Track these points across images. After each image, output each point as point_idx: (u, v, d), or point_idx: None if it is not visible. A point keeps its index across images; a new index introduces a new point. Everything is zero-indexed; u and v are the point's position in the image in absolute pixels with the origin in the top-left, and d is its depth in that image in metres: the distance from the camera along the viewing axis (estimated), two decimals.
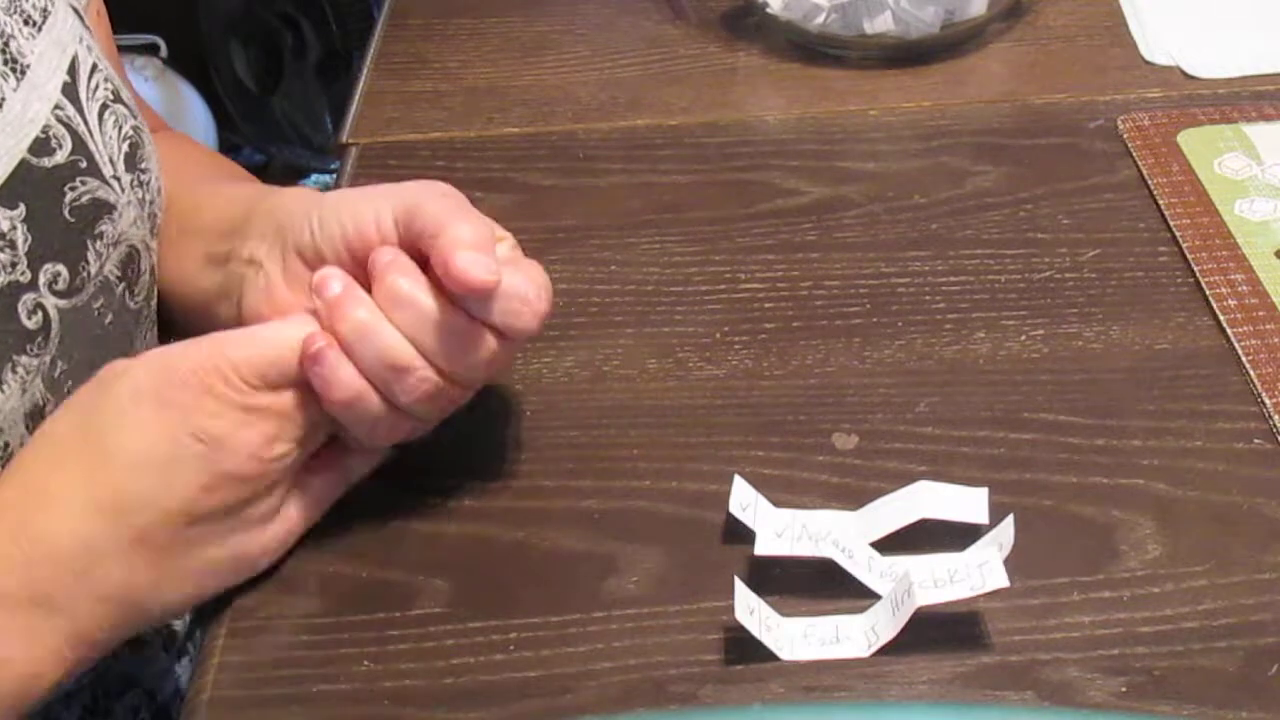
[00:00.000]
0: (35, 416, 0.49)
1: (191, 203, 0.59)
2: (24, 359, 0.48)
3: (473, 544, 0.52)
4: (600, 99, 0.76)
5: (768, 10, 0.78)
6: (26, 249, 0.48)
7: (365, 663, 0.48)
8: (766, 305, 0.62)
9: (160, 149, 0.59)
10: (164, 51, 1.84)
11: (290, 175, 2.10)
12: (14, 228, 0.48)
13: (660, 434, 0.56)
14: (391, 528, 0.52)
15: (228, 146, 2.01)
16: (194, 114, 1.85)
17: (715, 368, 0.59)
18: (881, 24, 0.76)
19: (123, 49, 1.95)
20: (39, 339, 0.49)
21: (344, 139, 0.74)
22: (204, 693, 0.47)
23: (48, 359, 0.49)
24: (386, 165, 0.72)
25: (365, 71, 0.80)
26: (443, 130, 0.74)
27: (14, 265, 0.48)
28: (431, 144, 0.73)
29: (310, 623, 0.49)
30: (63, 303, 0.50)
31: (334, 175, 0.74)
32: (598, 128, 0.74)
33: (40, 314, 0.49)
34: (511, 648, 0.48)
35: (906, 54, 0.78)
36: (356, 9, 1.82)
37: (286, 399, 0.46)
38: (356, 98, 0.77)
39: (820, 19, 0.76)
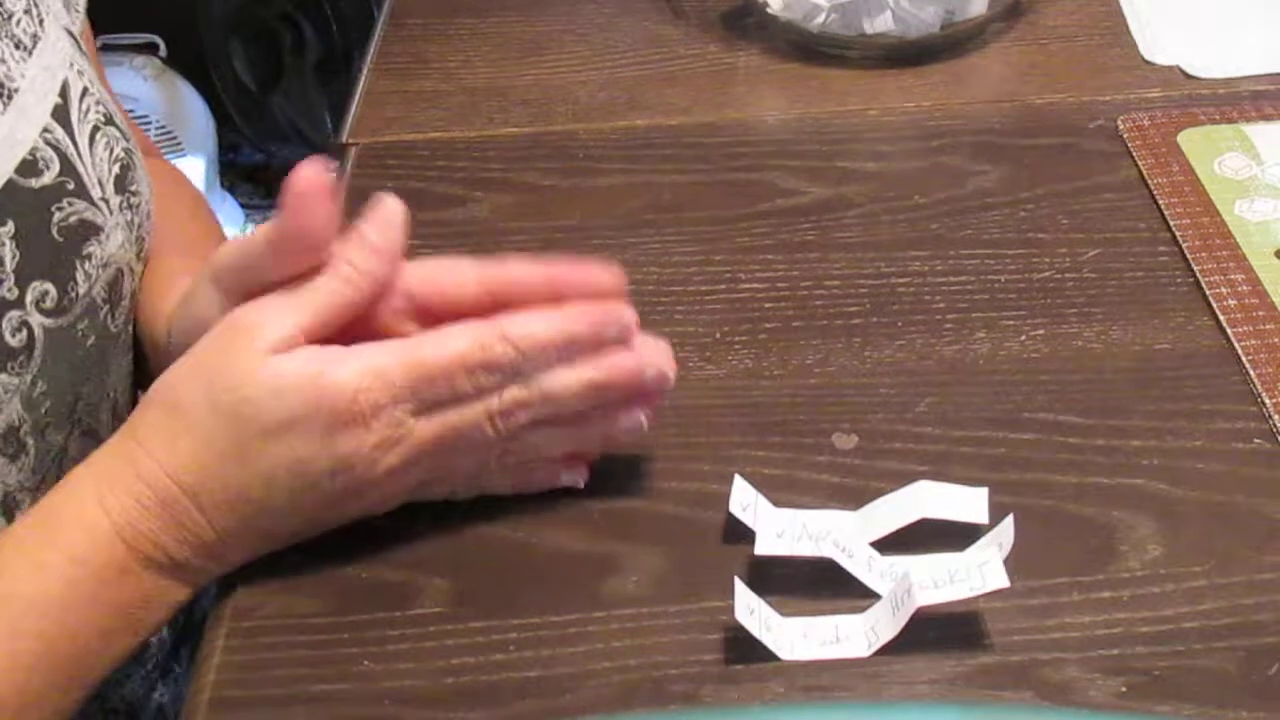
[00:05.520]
0: (9, 438, 0.49)
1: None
2: (3, 377, 0.48)
3: (473, 544, 0.52)
4: (600, 99, 0.76)
5: (768, 10, 0.78)
6: (15, 266, 0.48)
7: (365, 663, 0.48)
8: (766, 305, 0.62)
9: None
10: (164, 51, 1.84)
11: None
12: (2, 244, 0.48)
13: (660, 434, 0.56)
14: (391, 528, 0.52)
15: (228, 146, 2.01)
16: (194, 113, 1.85)
17: (715, 368, 0.59)
18: (881, 24, 0.76)
19: (123, 48, 1.94)
20: (21, 358, 0.49)
21: (344, 139, 0.74)
22: (204, 693, 0.47)
23: (28, 379, 0.49)
24: (386, 165, 0.72)
25: (365, 71, 0.80)
26: (443, 130, 0.74)
27: (1, 282, 0.48)
28: (431, 144, 0.73)
29: (310, 623, 0.49)
30: (49, 321, 0.50)
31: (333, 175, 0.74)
32: (598, 128, 0.74)
33: (25, 332, 0.49)
34: (511, 648, 0.48)
35: (906, 54, 0.78)
36: (356, 9, 1.82)
37: None
38: (356, 98, 0.77)
39: (820, 19, 0.76)
